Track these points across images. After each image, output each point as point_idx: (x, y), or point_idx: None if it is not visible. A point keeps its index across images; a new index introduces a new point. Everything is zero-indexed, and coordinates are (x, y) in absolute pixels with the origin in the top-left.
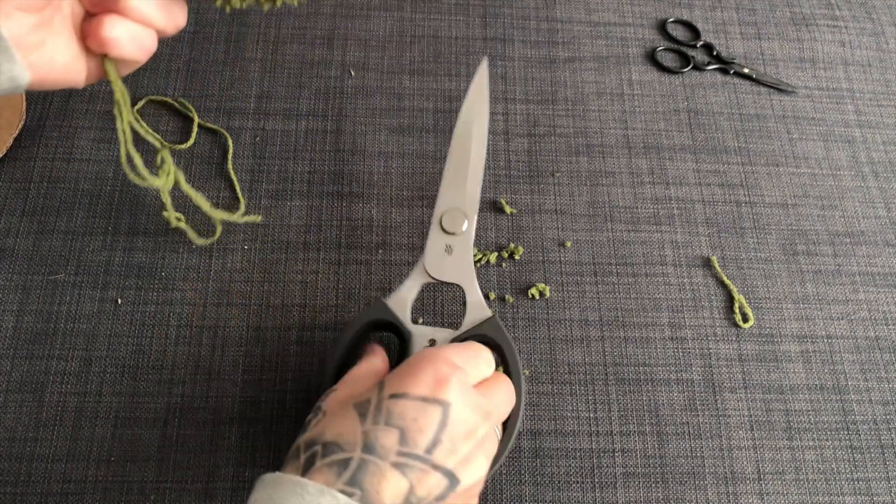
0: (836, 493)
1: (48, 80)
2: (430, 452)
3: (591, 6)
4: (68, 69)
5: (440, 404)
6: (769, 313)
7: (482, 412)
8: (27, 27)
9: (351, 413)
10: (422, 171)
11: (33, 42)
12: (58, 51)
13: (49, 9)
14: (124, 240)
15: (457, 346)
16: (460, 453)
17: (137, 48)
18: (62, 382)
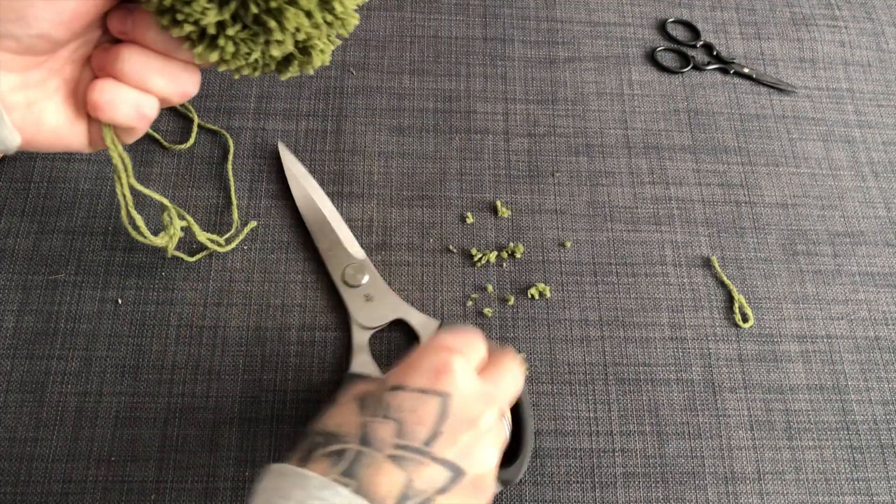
0: (836, 493)
1: (38, 142)
2: (429, 444)
3: (591, 6)
4: (60, 133)
5: (439, 395)
6: (769, 313)
7: (486, 399)
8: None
9: (353, 405)
10: (422, 171)
11: (17, 102)
12: (46, 113)
13: (39, 70)
14: (124, 240)
15: (452, 333)
16: (462, 443)
17: (134, 116)
18: (62, 382)
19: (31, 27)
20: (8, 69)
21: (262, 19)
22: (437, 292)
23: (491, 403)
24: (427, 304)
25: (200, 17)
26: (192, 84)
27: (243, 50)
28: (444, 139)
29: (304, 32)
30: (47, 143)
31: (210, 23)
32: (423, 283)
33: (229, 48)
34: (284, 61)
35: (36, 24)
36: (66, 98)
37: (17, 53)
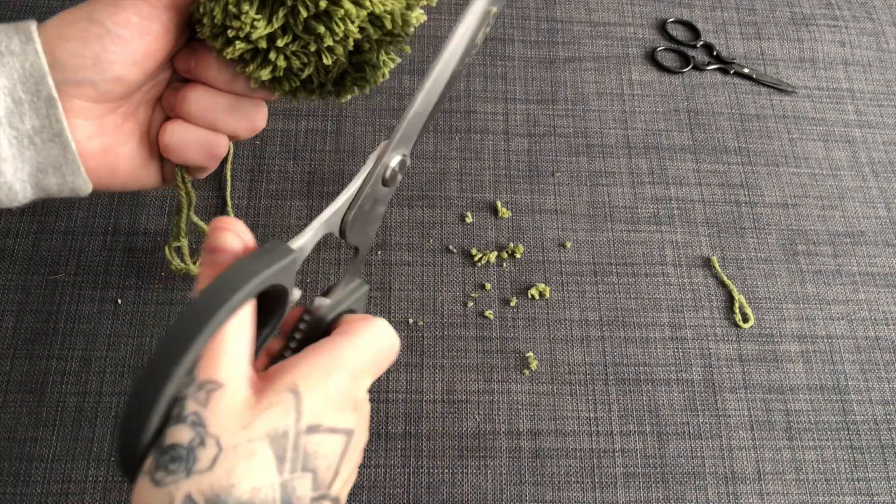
0: (836, 493)
1: (112, 186)
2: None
3: (591, 6)
4: (134, 176)
5: (345, 433)
6: (769, 313)
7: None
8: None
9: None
10: (422, 171)
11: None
12: (121, 159)
13: (114, 115)
14: (124, 240)
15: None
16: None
17: (205, 155)
18: (62, 382)
19: (105, 71)
20: (86, 117)
21: (311, 25)
22: (437, 292)
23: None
24: (427, 304)
25: (251, 30)
26: (259, 118)
27: (295, 64)
28: (444, 139)
29: (353, 41)
30: (121, 186)
31: (260, 35)
32: (423, 283)
33: (281, 62)
34: (340, 80)
35: (110, 68)
36: (139, 141)
37: (94, 101)
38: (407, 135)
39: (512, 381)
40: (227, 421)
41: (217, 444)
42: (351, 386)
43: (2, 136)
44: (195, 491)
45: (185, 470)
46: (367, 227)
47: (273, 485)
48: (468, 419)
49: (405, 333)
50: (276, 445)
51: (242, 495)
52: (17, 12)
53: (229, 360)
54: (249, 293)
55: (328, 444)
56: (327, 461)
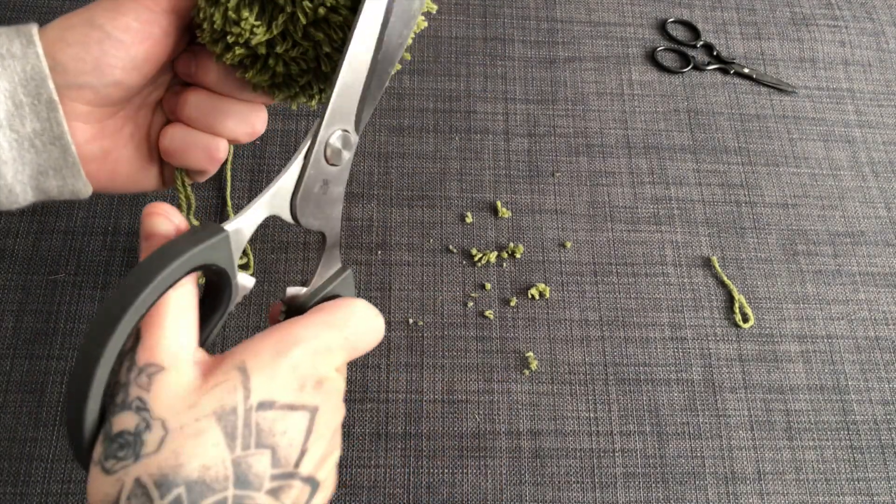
0: (836, 493)
1: (112, 189)
2: (297, 465)
3: (591, 6)
4: (134, 179)
5: (307, 410)
6: (769, 313)
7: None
8: (85, 138)
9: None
10: (422, 171)
11: (94, 153)
12: (121, 162)
13: (114, 119)
14: (124, 240)
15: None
16: (321, 453)
17: (205, 159)
18: (62, 382)
19: (106, 75)
20: (86, 121)
21: (310, 32)
22: (437, 292)
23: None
24: (427, 304)
25: (250, 36)
26: (259, 122)
27: (294, 70)
28: (444, 139)
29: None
30: (121, 188)
31: (259, 41)
32: (423, 283)
33: (280, 68)
34: None
35: (111, 73)
36: (139, 144)
37: (94, 105)
38: (341, 109)
39: (512, 381)
40: (171, 402)
41: (163, 426)
42: (311, 363)
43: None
44: (144, 474)
45: (133, 455)
46: (325, 209)
47: (224, 461)
48: (468, 419)
49: (405, 333)
50: (224, 423)
51: (192, 474)
52: (17, 13)
53: (169, 342)
54: (176, 271)
55: (287, 421)
56: (288, 438)
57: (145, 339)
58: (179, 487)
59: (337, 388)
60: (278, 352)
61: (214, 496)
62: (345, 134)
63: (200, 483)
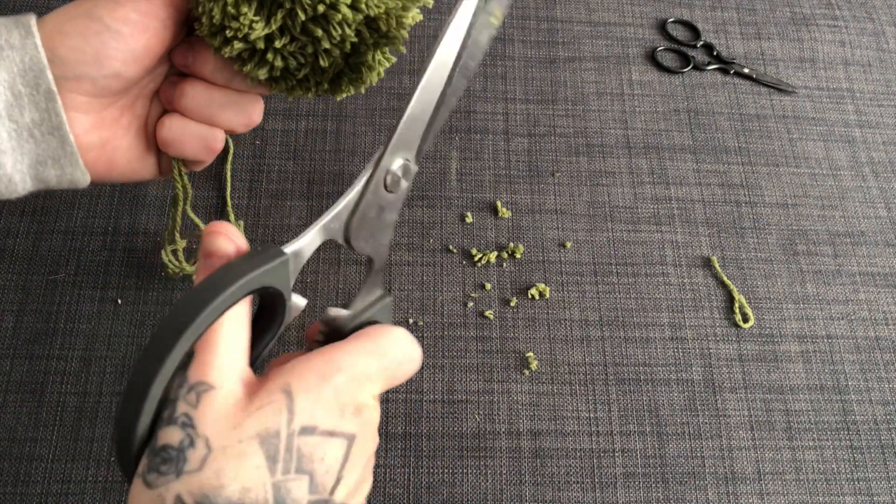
0: (836, 493)
1: (110, 178)
2: (332, 493)
3: (591, 6)
4: (132, 168)
5: (345, 437)
6: (769, 313)
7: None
8: (84, 128)
9: (255, 453)
10: (422, 171)
11: (92, 143)
12: (119, 151)
13: (111, 109)
14: (124, 240)
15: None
16: (355, 481)
17: (202, 149)
18: (62, 382)
19: (104, 67)
20: (84, 111)
21: (309, 28)
22: (437, 292)
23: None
24: (427, 304)
25: (248, 30)
26: (256, 113)
27: (292, 64)
28: (444, 139)
29: (349, 44)
30: (119, 177)
31: (258, 36)
32: (423, 283)
33: (278, 63)
34: (336, 79)
35: (109, 64)
36: (137, 134)
37: (92, 96)
38: (405, 138)
39: (512, 381)
40: (217, 422)
41: (206, 444)
42: (352, 390)
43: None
44: (185, 492)
45: (175, 471)
46: (376, 235)
47: (265, 485)
48: (468, 419)
49: None
50: (266, 445)
51: (232, 496)
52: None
53: (221, 361)
54: (236, 293)
55: (326, 447)
56: (326, 465)
57: (198, 357)
58: None
59: (373, 417)
60: (322, 377)
61: None
62: (406, 163)
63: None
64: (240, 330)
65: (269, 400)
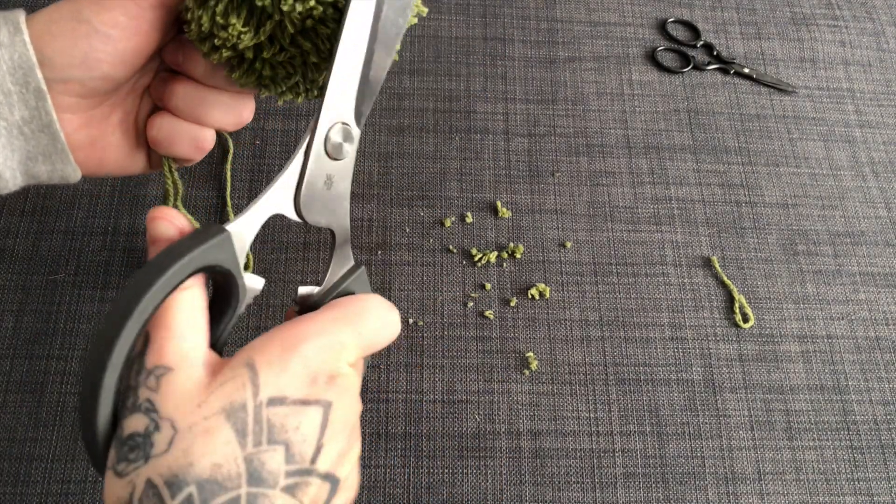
0: (836, 493)
1: (100, 174)
2: (314, 462)
3: (591, 6)
4: (121, 164)
5: (321, 405)
6: (769, 313)
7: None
8: (73, 127)
9: (222, 428)
10: (422, 171)
11: (82, 141)
12: (109, 149)
13: (101, 107)
14: (124, 240)
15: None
16: (339, 449)
17: (192, 148)
18: (62, 382)
19: (93, 69)
20: (73, 111)
21: (298, 41)
22: (437, 292)
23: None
24: (427, 304)
25: (237, 41)
26: (246, 112)
27: (281, 73)
28: (444, 139)
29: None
30: (109, 173)
31: (246, 46)
32: (423, 283)
33: (266, 72)
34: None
35: (98, 67)
36: (127, 131)
37: (81, 96)
38: (338, 102)
39: (512, 381)
40: (180, 402)
41: (172, 426)
42: (323, 358)
43: None
44: (154, 475)
45: (143, 457)
46: (331, 205)
47: (236, 459)
48: (468, 419)
49: (405, 333)
50: (233, 420)
51: (203, 472)
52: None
53: (177, 343)
54: (178, 273)
55: (300, 416)
56: (302, 434)
57: (153, 341)
58: (190, 486)
59: (352, 384)
60: (287, 347)
61: (227, 494)
62: (345, 127)
63: (212, 481)
64: (195, 312)
65: (231, 375)
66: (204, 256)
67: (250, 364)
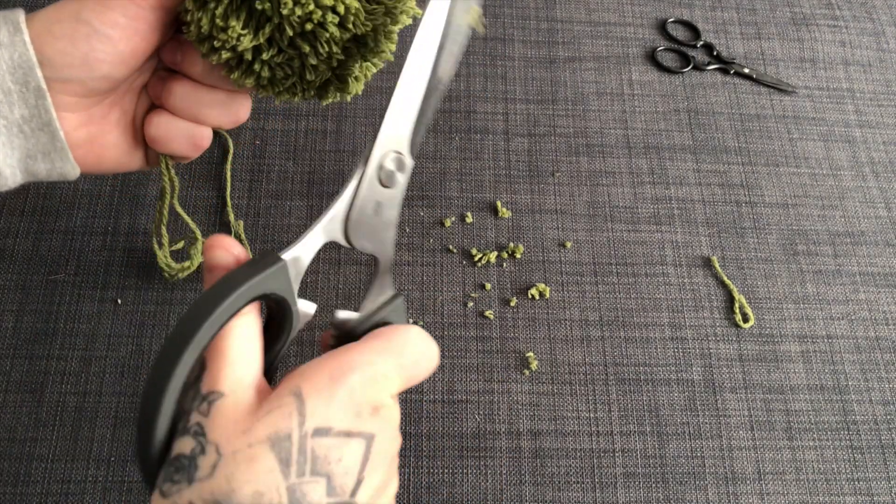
0: (836, 493)
1: (98, 170)
2: (354, 495)
3: (591, 6)
4: (119, 161)
5: (363, 437)
6: (769, 313)
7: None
8: (72, 126)
9: (266, 457)
10: (422, 171)
11: (81, 139)
12: (107, 147)
13: (100, 105)
14: (124, 240)
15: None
16: (379, 482)
17: (189, 146)
18: (62, 382)
19: (94, 70)
20: (72, 110)
21: (296, 43)
22: (437, 292)
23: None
24: (427, 304)
25: (236, 42)
26: (243, 111)
27: (279, 74)
28: (444, 139)
29: (336, 59)
30: (108, 169)
31: (245, 48)
32: (423, 283)
33: (265, 73)
34: (323, 86)
35: (98, 67)
36: (125, 128)
37: (80, 96)
38: (394, 132)
39: (512, 381)
40: (226, 428)
41: (217, 450)
42: (368, 390)
43: None
44: (196, 498)
45: (187, 479)
46: (378, 233)
47: (278, 488)
48: (468, 419)
49: None
50: (278, 448)
51: (244, 500)
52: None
53: (231, 370)
54: (236, 302)
55: (343, 448)
56: (344, 466)
57: (210, 368)
58: None
59: (393, 416)
60: (334, 378)
61: None
62: (398, 157)
63: None
64: (249, 339)
65: (278, 404)
66: (261, 285)
67: (297, 393)
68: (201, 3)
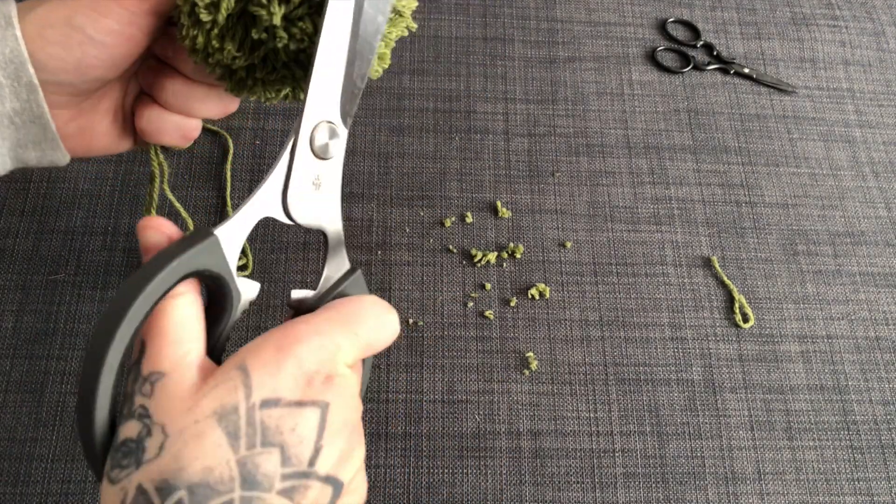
0: (836, 493)
1: (88, 156)
2: (312, 464)
3: (591, 6)
4: (108, 148)
5: (318, 406)
6: (769, 313)
7: (359, 390)
8: (63, 120)
9: (213, 431)
10: (422, 171)
11: (71, 132)
12: (97, 137)
13: (91, 99)
14: (124, 240)
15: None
16: (339, 451)
17: (179, 138)
18: (62, 382)
19: (86, 74)
20: (63, 107)
21: (290, 67)
22: (437, 292)
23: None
24: (427, 304)
25: (230, 63)
26: (232, 105)
27: (272, 89)
28: (444, 139)
29: None
30: (97, 154)
31: (240, 67)
32: (423, 283)
33: (258, 88)
34: None
35: (91, 72)
36: (115, 117)
37: (72, 96)
38: (322, 101)
39: (512, 381)
40: (171, 407)
41: (163, 431)
42: (319, 359)
43: None
44: (145, 480)
45: (135, 462)
46: (321, 206)
47: (228, 462)
48: (468, 419)
49: (405, 333)
50: (225, 423)
51: (193, 477)
52: None
53: (171, 349)
54: (167, 278)
55: (296, 418)
56: (298, 435)
57: (149, 348)
58: (181, 491)
59: (350, 385)
60: (281, 349)
61: (219, 498)
62: (330, 126)
63: (203, 485)
64: (189, 317)
65: (224, 378)
66: (192, 261)
67: (242, 367)
68: (195, 20)
